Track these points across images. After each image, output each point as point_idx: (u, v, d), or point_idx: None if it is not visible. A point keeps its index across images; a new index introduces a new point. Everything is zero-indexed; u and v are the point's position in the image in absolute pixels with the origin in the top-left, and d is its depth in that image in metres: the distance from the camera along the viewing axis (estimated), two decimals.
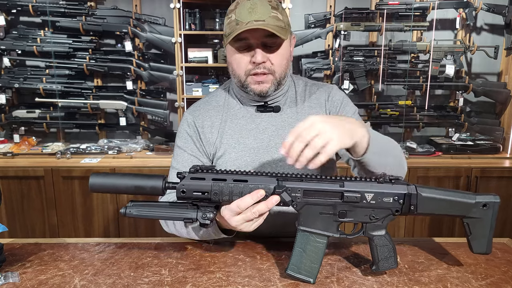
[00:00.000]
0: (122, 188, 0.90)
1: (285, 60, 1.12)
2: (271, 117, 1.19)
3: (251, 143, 1.17)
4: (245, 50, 1.09)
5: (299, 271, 0.92)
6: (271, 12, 1.05)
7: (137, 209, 0.92)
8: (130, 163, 2.60)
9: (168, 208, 0.93)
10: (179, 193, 0.90)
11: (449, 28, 2.91)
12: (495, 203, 0.93)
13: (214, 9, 2.67)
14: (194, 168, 0.91)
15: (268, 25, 1.03)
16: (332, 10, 2.84)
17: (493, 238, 0.95)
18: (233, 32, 1.04)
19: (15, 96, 2.91)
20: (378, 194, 0.90)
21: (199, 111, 1.23)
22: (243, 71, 1.11)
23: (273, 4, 1.07)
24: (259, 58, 1.07)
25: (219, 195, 0.90)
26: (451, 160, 2.69)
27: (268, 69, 1.09)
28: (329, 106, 1.21)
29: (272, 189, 0.90)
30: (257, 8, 1.04)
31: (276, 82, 1.12)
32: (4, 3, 2.67)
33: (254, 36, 1.05)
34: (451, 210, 0.93)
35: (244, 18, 1.04)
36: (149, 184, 0.89)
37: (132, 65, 2.79)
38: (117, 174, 0.91)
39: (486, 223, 0.93)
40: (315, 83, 1.28)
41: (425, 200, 0.91)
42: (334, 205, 0.91)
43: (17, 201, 2.57)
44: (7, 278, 0.93)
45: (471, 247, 0.96)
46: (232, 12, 1.07)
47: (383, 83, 2.86)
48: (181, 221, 0.92)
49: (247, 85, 1.12)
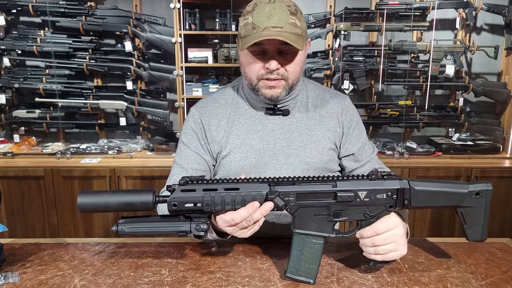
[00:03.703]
0: (112, 206, 0.89)
1: (300, 67, 1.10)
2: (279, 120, 1.18)
3: (257, 144, 1.16)
4: (259, 55, 1.06)
5: (298, 273, 0.92)
6: (290, 19, 1.01)
7: (129, 226, 0.90)
8: (130, 163, 2.60)
9: (161, 222, 0.92)
10: (171, 206, 0.89)
11: (449, 28, 2.92)
12: (487, 191, 0.94)
13: (214, 9, 2.67)
14: (183, 180, 0.90)
15: (285, 33, 1.00)
16: (332, 10, 2.84)
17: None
18: (249, 36, 1.02)
19: (15, 96, 2.91)
20: (371, 192, 0.90)
21: (206, 108, 1.21)
22: (255, 75, 1.09)
23: (292, 9, 1.03)
24: (273, 66, 1.05)
25: (211, 205, 0.89)
26: (451, 160, 2.69)
27: (281, 75, 1.07)
28: (342, 119, 1.21)
29: (265, 195, 0.89)
30: (275, 14, 1.01)
31: (288, 87, 1.10)
32: (4, 3, 2.67)
33: (270, 43, 1.02)
34: (445, 201, 0.93)
35: (261, 23, 1.01)
36: (139, 199, 0.88)
37: (132, 65, 2.79)
38: (106, 192, 0.91)
39: (479, 211, 0.94)
40: (328, 89, 1.27)
41: (419, 193, 0.91)
42: (328, 205, 0.91)
43: (17, 201, 2.57)
44: (7, 278, 0.93)
45: (466, 236, 0.96)
46: (249, 14, 1.04)
47: (383, 83, 2.86)
48: (175, 234, 0.91)
49: (259, 89, 1.10)
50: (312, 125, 1.18)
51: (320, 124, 1.18)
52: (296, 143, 1.16)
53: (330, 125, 1.19)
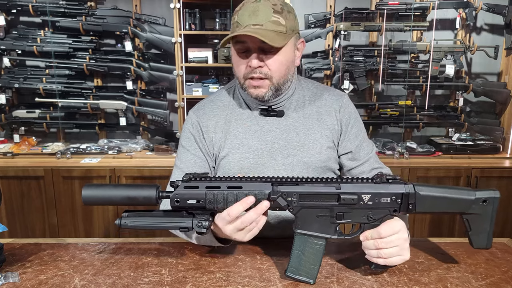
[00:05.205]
0: (116, 199, 0.89)
1: (285, 66, 1.10)
2: (275, 120, 1.18)
3: (255, 144, 1.16)
4: (243, 53, 1.08)
5: (299, 273, 0.91)
6: (272, 17, 1.03)
7: (132, 219, 0.91)
8: (130, 163, 2.60)
9: (163, 217, 0.92)
10: (173, 202, 0.89)
11: (449, 28, 2.91)
12: (495, 198, 0.92)
13: (214, 9, 2.67)
14: (187, 177, 0.90)
15: (263, 31, 1.01)
16: (332, 10, 2.84)
17: (493, 239, 0.95)
18: (231, 34, 1.04)
19: (15, 96, 2.91)
20: (375, 195, 0.90)
21: (203, 110, 1.22)
22: (241, 74, 1.11)
23: (277, 8, 1.04)
24: (253, 63, 1.06)
25: (213, 203, 0.89)
26: (451, 160, 2.69)
27: (264, 74, 1.08)
28: (340, 116, 1.20)
29: (267, 194, 0.89)
30: (258, 12, 1.02)
31: (273, 87, 1.10)
32: (4, 3, 2.67)
33: (252, 40, 1.04)
34: (450, 208, 0.92)
35: (243, 21, 1.03)
36: (142, 194, 0.89)
37: (132, 65, 2.79)
38: (110, 185, 0.92)
39: (486, 218, 0.92)
40: (326, 87, 1.27)
41: (424, 199, 0.90)
42: (331, 207, 0.91)
43: (17, 201, 2.57)
44: (7, 278, 0.93)
45: (472, 243, 0.95)
46: (236, 13, 1.07)
47: (383, 83, 2.86)
48: (176, 230, 0.91)
49: (246, 88, 1.12)
50: (310, 124, 1.18)
51: (318, 122, 1.18)
52: (293, 142, 1.16)
53: (328, 123, 1.19)
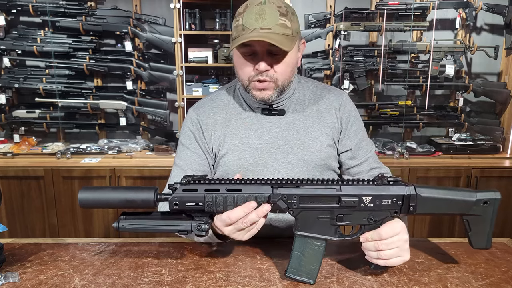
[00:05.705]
0: (113, 202, 0.88)
1: (290, 68, 1.10)
2: (275, 119, 1.18)
3: (254, 143, 1.16)
4: (250, 56, 1.07)
5: (299, 273, 0.91)
6: (279, 19, 1.02)
7: (130, 222, 0.90)
8: (130, 163, 2.60)
9: (162, 220, 0.91)
10: (172, 205, 0.88)
11: (449, 28, 2.91)
12: (495, 200, 0.92)
13: (214, 9, 2.66)
14: (186, 179, 0.89)
15: (272, 35, 1.00)
16: (332, 10, 2.84)
17: (493, 239, 0.95)
18: (238, 37, 1.03)
19: (15, 96, 2.91)
20: (376, 197, 0.89)
21: (203, 108, 1.22)
22: (246, 77, 1.10)
23: (283, 10, 1.04)
24: (262, 67, 1.05)
25: (212, 206, 0.88)
26: (451, 160, 2.69)
27: (270, 77, 1.08)
28: (340, 114, 1.20)
29: (267, 197, 0.88)
30: (264, 15, 1.01)
31: (278, 89, 1.10)
32: (4, 3, 2.67)
33: (260, 44, 1.03)
34: (451, 209, 0.92)
35: (250, 24, 1.02)
36: (141, 197, 0.88)
37: (132, 65, 2.79)
38: (107, 188, 0.90)
39: (486, 219, 0.92)
40: (326, 86, 1.27)
41: (425, 200, 0.90)
42: (332, 209, 0.90)
43: (17, 201, 2.57)
44: (7, 278, 0.93)
45: (471, 243, 0.95)
46: (240, 15, 1.05)
47: (383, 83, 2.86)
48: (175, 232, 0.91)
49: (250, 90, 1.11)
50: (310, 123, 1.18)
51: (318, 120, 1.19)
52: (293, 141, 1.16)
53: (328, 121, 1.19)
